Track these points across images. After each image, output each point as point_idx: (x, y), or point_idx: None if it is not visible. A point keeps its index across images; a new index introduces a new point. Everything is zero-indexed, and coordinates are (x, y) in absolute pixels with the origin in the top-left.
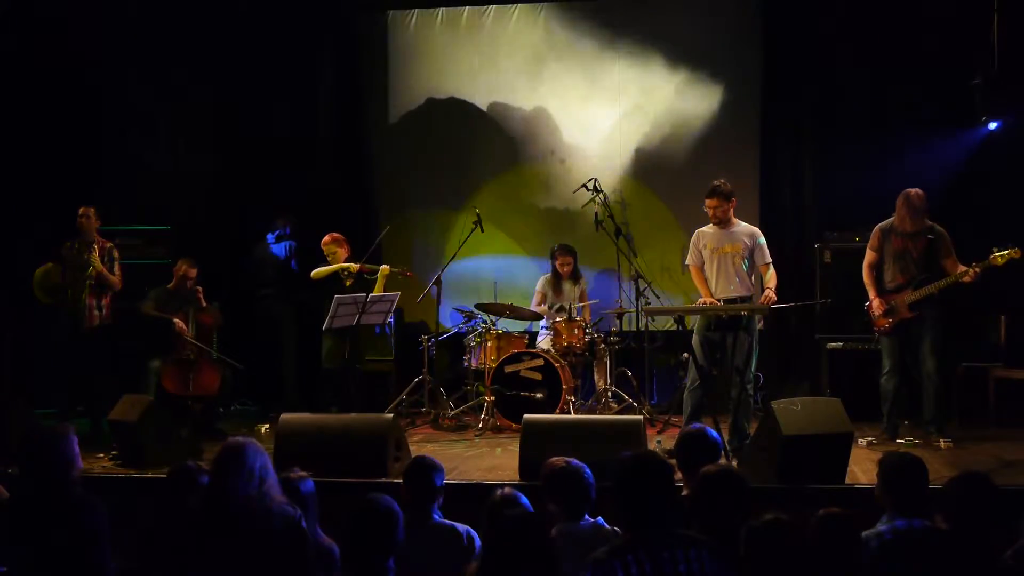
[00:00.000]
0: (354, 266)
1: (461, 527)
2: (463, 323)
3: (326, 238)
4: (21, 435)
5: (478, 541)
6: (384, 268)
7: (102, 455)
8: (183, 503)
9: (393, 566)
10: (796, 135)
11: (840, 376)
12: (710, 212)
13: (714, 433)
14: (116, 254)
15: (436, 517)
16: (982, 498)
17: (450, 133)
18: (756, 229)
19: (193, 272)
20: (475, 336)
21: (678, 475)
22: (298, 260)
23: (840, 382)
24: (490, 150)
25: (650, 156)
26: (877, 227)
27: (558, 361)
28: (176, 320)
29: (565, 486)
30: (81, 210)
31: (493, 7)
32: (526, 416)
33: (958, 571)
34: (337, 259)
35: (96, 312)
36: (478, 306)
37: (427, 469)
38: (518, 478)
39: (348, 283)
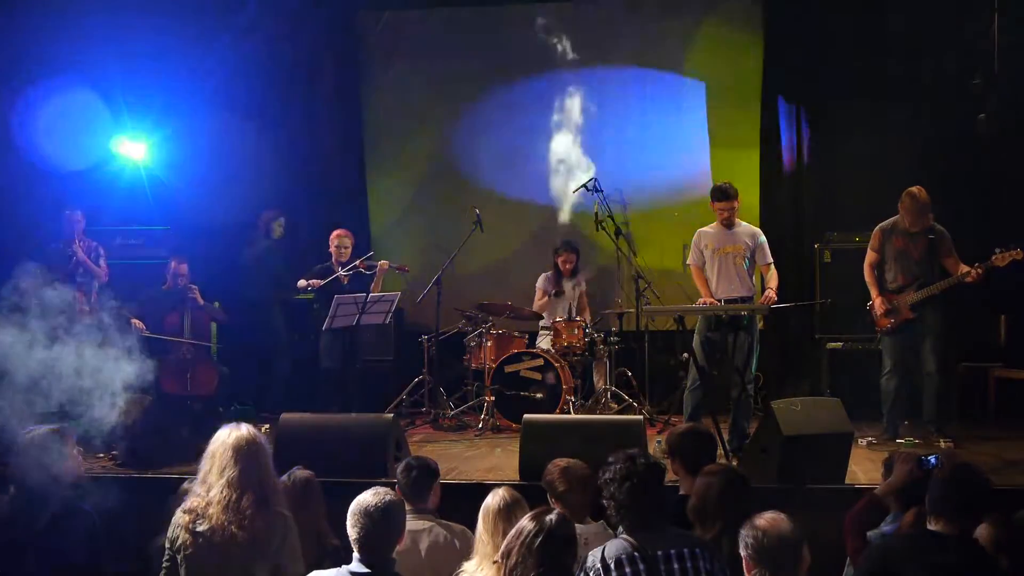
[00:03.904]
0: (342, 274)
1: (457, 527)
2: (463, 323)
3: (337, 232)
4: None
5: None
6: (383, 263)
7: (102, 455)
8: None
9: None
10: (796, 135)
11: (840, 376)
12: (724, 215)
13: (707, 430)
14: (102, 251)
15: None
16: (970, 492)
17: (450, 133)
18: (757, 229)
19: (184, 269)
20: (475, 336)
21: (670, 475)
22: (289, 260)
23: (840, 382)
24: (490, 150)
25: (650, 156)
26: (878, 227)
27: (558, 361)
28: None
29: (569, 487)
30: (67, 213)
31: (493, 8)
32: (526, 416)
33: (963, 571)
34: (347, 254)
35: (85, 308)
36: (478, 306)
37: (421, 470)
38: (518, 478)
39: (346, 281)
